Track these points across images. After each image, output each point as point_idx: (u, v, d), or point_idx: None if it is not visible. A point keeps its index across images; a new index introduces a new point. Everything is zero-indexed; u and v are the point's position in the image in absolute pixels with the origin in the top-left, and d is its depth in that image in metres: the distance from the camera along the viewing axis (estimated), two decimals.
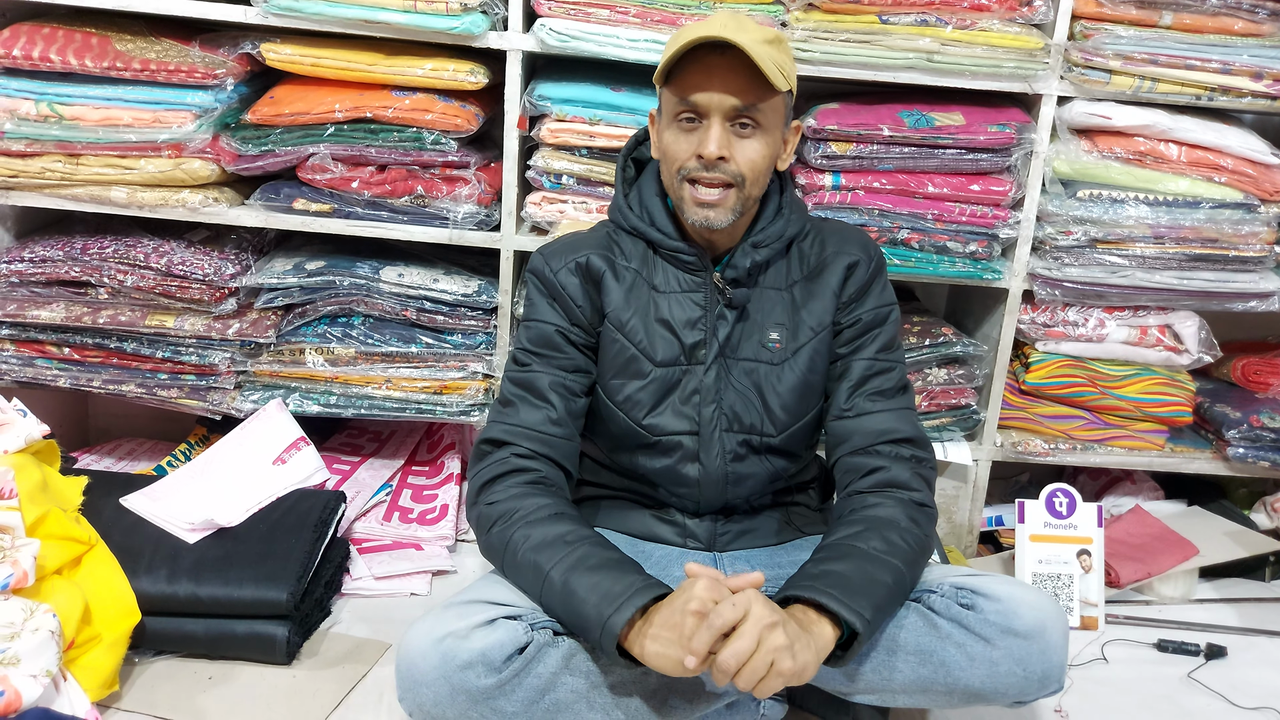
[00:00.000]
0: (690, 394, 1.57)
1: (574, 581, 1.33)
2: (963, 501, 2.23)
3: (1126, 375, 2.17)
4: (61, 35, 1.98)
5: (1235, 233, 2.05)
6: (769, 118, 1.46)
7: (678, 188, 1.49)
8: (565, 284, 1.57)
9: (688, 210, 1.49)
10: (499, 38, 1.97)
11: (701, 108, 1.44)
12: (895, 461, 1.51)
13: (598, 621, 1.28)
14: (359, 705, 1.62)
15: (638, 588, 1.30)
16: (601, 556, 1.36)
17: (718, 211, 1.47)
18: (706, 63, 1.42)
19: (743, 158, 1.45)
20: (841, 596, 1.30)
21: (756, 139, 1.46)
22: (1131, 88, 2.00)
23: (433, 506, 2.14)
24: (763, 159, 1.47)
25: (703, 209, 1.47)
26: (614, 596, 1.29)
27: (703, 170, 1.45)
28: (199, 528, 1.77)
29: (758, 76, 1.41)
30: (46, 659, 1.41)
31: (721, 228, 1.49)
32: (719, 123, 1.44)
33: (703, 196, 1.46)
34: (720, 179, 1.45)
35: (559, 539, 1.38)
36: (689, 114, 1.45)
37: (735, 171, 1.45)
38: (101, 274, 2.02)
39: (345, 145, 1.98)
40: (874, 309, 1.60)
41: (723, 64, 1.42)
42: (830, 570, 1.35)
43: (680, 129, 1.47)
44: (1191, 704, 1.77)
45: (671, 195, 1.52)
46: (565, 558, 1.36)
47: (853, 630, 1.30)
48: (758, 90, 1.43)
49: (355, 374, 2.07)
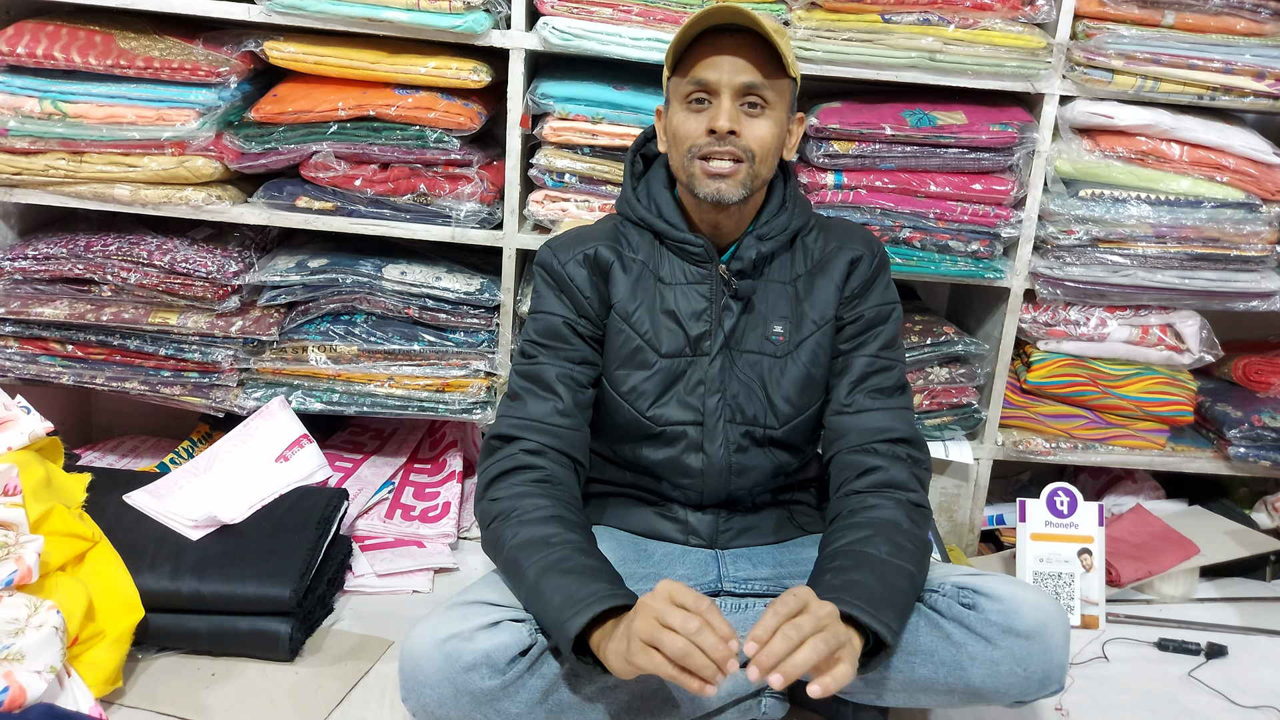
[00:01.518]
0: (695, 385, 1.57)
1: (544, 582, 1.33)
2: (964, 500, 2.23)
3: (1128, 374, 2.17)
4: (65, 33, 1.98)
5: (1237, 232, 2.05)
6: (776, 99, 1.49)
7: (689, 166, 1.50)
8: (573, 275, 1.57)
9: (699, 184, 1.50)
10: (502, 36, 1.97)
11: (712, 86, 1.47)
12: (893, 461, 1.52)
13: (557, 623, 1.29)
14: (362, 702, 1.63)
15: (601, 595, 1.29)
16: (577, 561, 1.36)
17: (729, 184, 1.49)
18: (717, 44, 1.47)
19: (752, 135, 1.48)
20: (869, 609, 1.30)
21: (765, 118, 1.49)
22: (1134, 87, 2.00)
23: (435, 504, 2.14)
24: (772, 138, 1.50)
25: (715, 180, 1.49)
26: (576, 601, 1.29)
27: (714, 145, 1.48)
28: (202, 525, 1.77)
29: (767, 57, 1.46)
30: (50, 655, 1.41)
31: (733, 201, 1.50)
32: (730, 99, 1.47)
33: (714, 168, 1.48)
34: (731, 152, 1.47)
35: (543, 540, 1.39)
36: (699, 94, 1.49)
37: (745, 147, 1.48)
38: (105, 271, 2.02)
39: (348, 143, 1.99)
40: (876, 306, 1.60)
41: (733, 44, 1.46)
42: (853, 580, 1.35)
43: (690, 110, 1.50)
44: (1192, 703, 1.78)
45: (682, 177, 1.53)
46: (543, 558, 1.36)
47: (877, 639, 1.31)
48: (767, 69, 1.47)
49: (358, 372, 2.08)
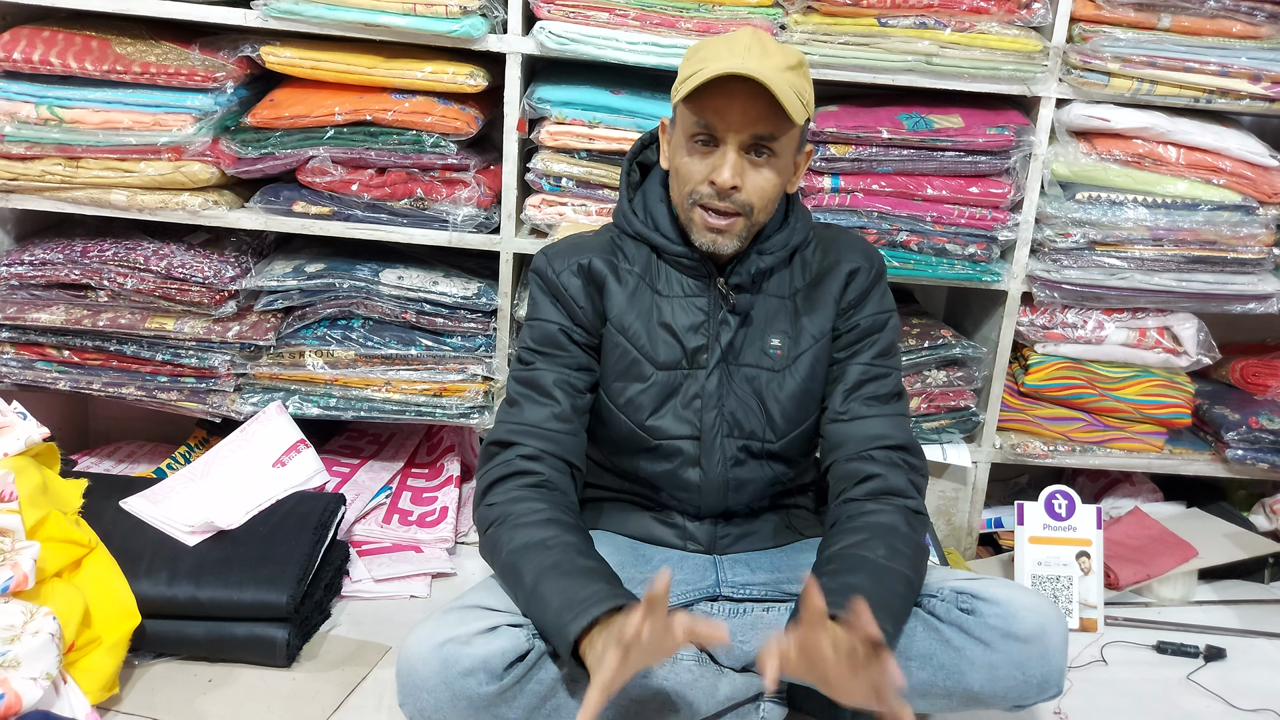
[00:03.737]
0: (691, 398, 1.57)
1: (543, 585, 1.33)
2: (962, 503, 2.23)
3: (1125, 377, 2.17)
4: (61, 38, 1.98)
5: (1234, 235, 2.05)
6: (784, 147, 1.46)
7: (688, 209, 1.50)
8: (568, 285, 1.57)
9: (696, 234, 1.50)
10: (498, 41, 1.97)
11: (719, 133, 1.43)
12: (890, 468, 1.52)
13: (557, 626, 1.29)
14: (359, 708, 1.62)
15: (601, 596, 1.29)
16: (575, 563, 1.36)
17: (726, 238, 1.48)
18: (728, 88, 1.40)
19: (753, 187, 1.46)
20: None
21: (769, 168, 1.46)
22: (1130, 90, 2.00)
23: (432, 509, 2.14)
24: (773, 188, 1.48)
25: (711, 234, 1.48)
26: (576, 603, 1.29)
27: (715, 198, 1.45)
28: (199, 530, 1.77)
29: (778, 107, 1.40)
30: (47, 662, 1.41)
31: (727, 253, 1.51)
32: (734, 150, 1.43)
33: (712, 222, 1.47)
34: (730, 208, 1.46)
35: (540, 543, 1.39)
36: (705, 136, 1.45)
37: (744, 201, 1.46)
38: (101, 277, 2.02)
39: (345, 148, 1.98)
40: (873, 315, 1.60)
41: (744, 91, 1.40)
42: (848, 584, 1.34)
43: (695, 150, 1.46)
44: (1191, 706, 1.77)
45: (680, 214, 1.53)
46: (541, 561, 1.36)
47: None
48: (776, 121, 1.42)
49: (355, 376, 2.07)
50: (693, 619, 1.22)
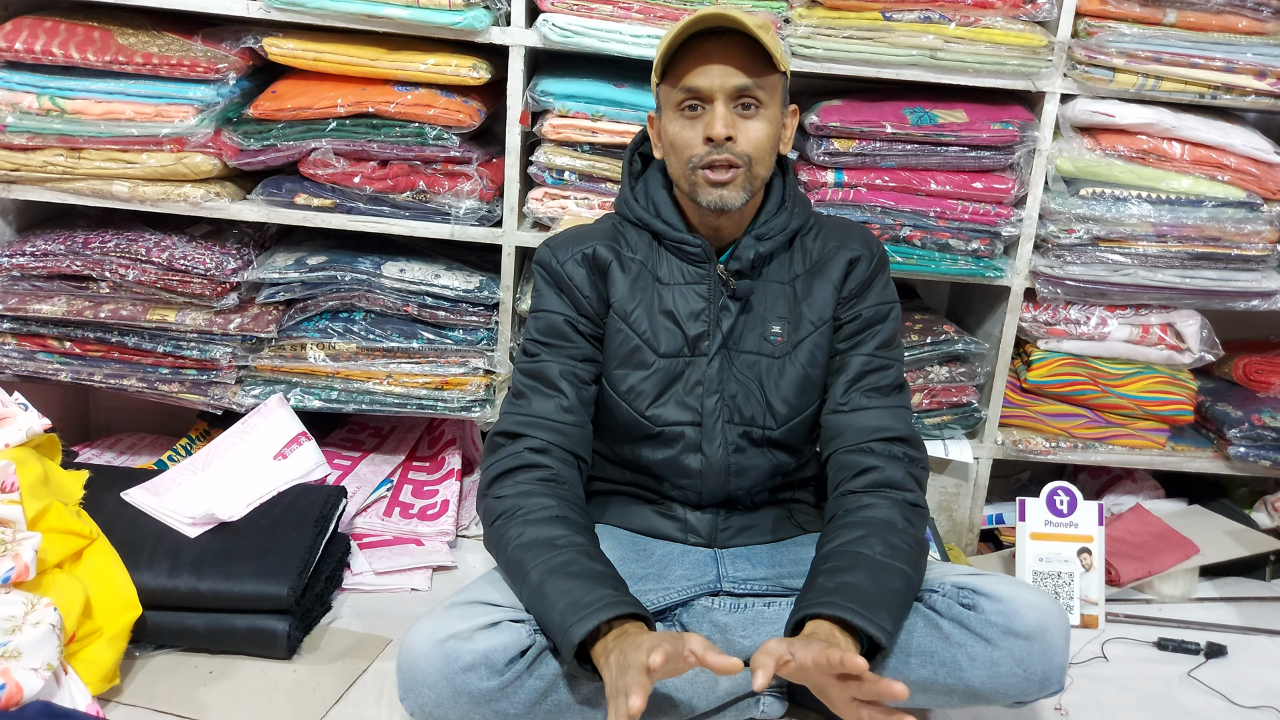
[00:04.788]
0: (693, 385, 1.57)
1: (549, 584, 1.33)
2: (963, 499, 2.23)
3: (1128, 374, 2.17)
4: (63, 29, 1.97)
5: (1238, 231, 2.05)
6: (769, 97, 1.49)
7: (690, 175, 1.50)
8: (572, 275, 1.57)
9: (702, 193, 1.50)
10: (501, 33, 1.97)
11: (704, 92, 1.47)
12: (889, 461, 1.52)
13: (561, 628, 1.29)
14: (359, 700, 1.62)
15: (607, 601, 1.29)
16: (583, 565, 1.36)
17: (731, 190, 1.49)
18: (704, 49, 1.46)
19: (747, 138, 1.48)
20: (864, 611, 1.30)
21: (759, 118, 1.49)
22: (1135, 85, 2.00)
23: (433, 502, 2.14)
24: (767, 138, 1.50)
25: (716, 189, 1.49)
26: (581, 606, 1.29)
27: (714, 153, 1.47)
28: (200, 522, 1.77)
29: (755, 56, 1.45)
30: (47, 653, 1.41)
31: (735, 207, 1.51)
32: (723, 104, 1.47)
33: (714, 177, 1.49)
34: (729, 159, 1.47)
35: (548, 541, 1.38)
36: (692, 101, 1.48)
37: (741, 152, 1.48)
38: (103, 268, 2.02)
39: (347, 140, 1.98)
40: (875, 305, 1.60)
41: (719, 47, 1.45)
42: (845, 583, 1.34)
43: (685, 119, 1.49)
44: (1191, 703, 1.77)
45: (683, 185, 1.53)
46: (548, 560, 1.36)
47: (872, 641, 1.31)
48: (757, 68, 1.46)
49: (356, 369, 2.07)
50: (705, 648, 1.21)
